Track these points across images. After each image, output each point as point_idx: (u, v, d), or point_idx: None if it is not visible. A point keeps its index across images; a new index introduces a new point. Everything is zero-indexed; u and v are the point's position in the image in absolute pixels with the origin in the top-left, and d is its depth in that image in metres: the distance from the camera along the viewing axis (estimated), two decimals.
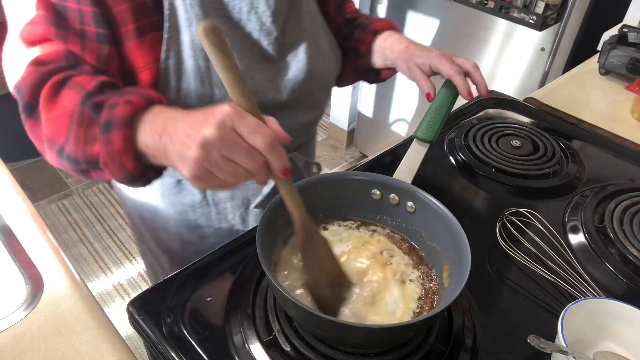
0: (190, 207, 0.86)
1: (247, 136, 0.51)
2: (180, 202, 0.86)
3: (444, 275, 0.64)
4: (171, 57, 0.68)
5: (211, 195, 0.85)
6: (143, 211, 0.92)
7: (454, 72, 0.80)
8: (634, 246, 0.77)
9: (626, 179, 0.96)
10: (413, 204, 0.68)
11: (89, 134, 0.59)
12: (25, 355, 0.62)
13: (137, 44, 0.66)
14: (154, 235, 0.95)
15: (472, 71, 0.82)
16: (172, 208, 0.87)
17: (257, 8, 0.71)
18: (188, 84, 0.69)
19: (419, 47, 0.85)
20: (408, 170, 0.74)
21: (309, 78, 0.80)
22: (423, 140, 0.79)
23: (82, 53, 0.64)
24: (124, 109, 0.56)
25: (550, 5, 1.56)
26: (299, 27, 0.79)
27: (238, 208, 0.88)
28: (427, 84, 0.83)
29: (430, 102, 0.82)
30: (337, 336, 0.57)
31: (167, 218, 0.89)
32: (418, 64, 0.83)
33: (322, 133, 2.85)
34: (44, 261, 0.75)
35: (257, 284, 0.68)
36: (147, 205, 0.90)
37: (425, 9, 1.94)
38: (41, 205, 2.31)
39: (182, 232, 0.90)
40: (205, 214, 0.88)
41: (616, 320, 0.63)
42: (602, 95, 1.25)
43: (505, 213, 0.81)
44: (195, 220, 0.88)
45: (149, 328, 0.63)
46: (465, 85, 0.81)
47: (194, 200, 0.86)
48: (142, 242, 1.01)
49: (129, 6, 0.64)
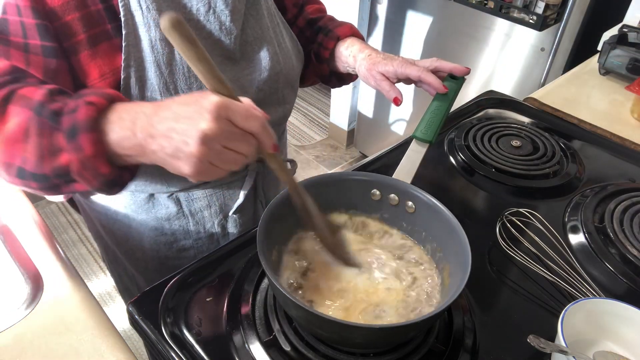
0: (165, 220, 0.84)
1: (241, 122, 0.52)
2: (154, 217, 0.83)
3: (445, 274, 0.64)
4: (132, 65, 0.65)
5: (187, 206, 0.83)
6: (115, 232, 0.87)
7: (423, 72, 0.82)
8: (634, 246, 0.77)
9: (626, 179, 0.96)
10: (413, 203, 0.68)
11: (53, 145, 0.56)
12: (25, 355, 0.62)
13: (90, 54, 0.63)
14: (129, 256, 0.91)
15: (437, 65, 0.84)
16: (146, 224, 0.84)
17: (215, 7, 0.69)
18: (152, 91, 0.67)
19: (380, 54, 0.86)
20: (407, 170, 0.74)
21: (273, 75, 0.79)
22: (422, 140, 0.79)
23: (27, 68, 0.61)
24: (87, 111, 0.54)
25: (550, 5, 1.56)
26: (258, 24, 0.77)
27: (216, 215, 0.86)
28: (393, 89, 0.84)
29: (398, 105, 0.83)
30: (337, 336, 0.57)
31: (141, 236, 0.86)
32: (382, 72, 0.84)
33: (322, 133, 2.85)
34: (44, 261, 0.75)
35: (257, 284, 0.68)
36: (118, 225, 0.86)
37: (425, 9, 1.94)
38: (41, 205, 2.31)
39: (159, 248, 0.87)
40: (183, 225, 0.85)
41: (616, 320, 0.63)
42: (602, 95, 1.25)
43: (505, 213, 0.81)
44: (173, 234, 0.86)
45: (149, 328, 0.63)
46: (437, 81, 0.82)
47: (169, 213, 0.83)
48: (117, 265, 0.97)
49: (79, 15, 0.61)
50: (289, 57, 0.84)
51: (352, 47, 0.89)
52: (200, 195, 0.82)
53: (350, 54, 0.89)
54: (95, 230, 0.94)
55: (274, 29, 0.81)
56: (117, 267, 0.98)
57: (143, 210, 0.82)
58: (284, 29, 0.85)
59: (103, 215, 0.87)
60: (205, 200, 0.83)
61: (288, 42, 0.85)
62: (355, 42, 0.90)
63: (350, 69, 0.90)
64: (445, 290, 0.62)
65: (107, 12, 0.63)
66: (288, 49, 0.84)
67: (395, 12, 2.06)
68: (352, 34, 0.92)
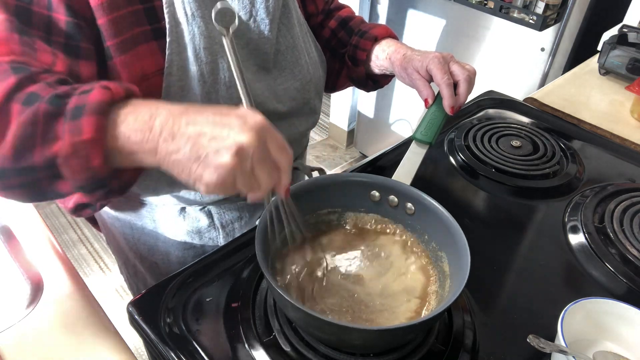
0: (196, 233, 0.82)
1: (275, 151, 0.48)
2: (184, 231, 0.81)
3: (445, 275, 0.64)
4: (174, 73, 0.63)
5: (219, 219, 0.81)
6: (139, 246, 0.85)
7: (444, 83, 0.76)
8: (633, 246, 0.77)
9: (626, 179, 0.96)
10: (412, 205, 0.68)
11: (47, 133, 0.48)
12: (25, 355, 0.62)
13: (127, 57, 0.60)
14: (152, 271, 0.89)
15: (460, 82, 0.77)
16: (174, 239, 0.82)
17: (255, 16, 0.68)
18: (194, 101, 0.65)
19: (417, 51, 0.82)
20: (407, 171, 0.74)
21: (305, 85, 0.79)
22: (422, 141, 0.78)
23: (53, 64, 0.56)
24: (100, 94, 0.48)
25: (550, 6, 1.56)
26: (290, 34, 0.76)
27: (246, 226, 0.84)
28: (426, 89, 0.79)
29: (428, 107, 0.81)
30: (336, 338, 0.57)
31: (169, 250, 0.84)
32: (416, 68, 0.79)
33: (322, 133, 2.85)
34: (44, 261, 0.75)
35: (257, 284, 0.68)
36: (144, 239, 0.84)
37: (425, 9, 1.94)
38: (41, 205, 2.30)
39: (186, 261, 0.83)
40: (213, 238, 0.84)
41: (616, 320, 0.63)
42: (602, 95, 1.25)
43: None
44: (202, 247, 0.84)
45: (149, 328, 0.63)
46: (451, 100, 0.76)
47: (200, 227, 0.81)
48: (137, 279, 0.94)
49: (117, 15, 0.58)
50: (316, 66, 0.83)
51: (389, 49, 0.85)
52: (232, 207, 0.81)
53: (387, 55, 0.85)
54: (117, 245, 0.91)
55: (304, 38, 0.80)
56: (136, 281, 0.95)
57: (173, 223, 0.80)
58: (310, 37, 0.84)
59: (128, 229, 0.84)
60: (237, 212, 0.82)
61: (314, 51, 0.84)
62: (391, 43, 0.86)
63: (386, 70, 0.87)
64: (445, 291, 0.62)
65: (147, 13, 0.61)
66: (315, 58, 0.83)
67: (395, 12, 2.06)
68: (389, 35, 0.89)
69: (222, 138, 0.46)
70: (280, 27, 0.74)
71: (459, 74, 0.77)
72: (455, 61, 0.79)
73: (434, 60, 0.77)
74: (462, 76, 0.77)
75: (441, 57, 0.78)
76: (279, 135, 0.49)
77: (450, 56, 0.80)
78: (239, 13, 0.67)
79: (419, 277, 0.65)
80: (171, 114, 0.48)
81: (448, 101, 0.77)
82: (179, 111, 0.49)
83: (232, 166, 0.46)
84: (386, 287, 0.64)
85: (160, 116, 0.48)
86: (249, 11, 0.68)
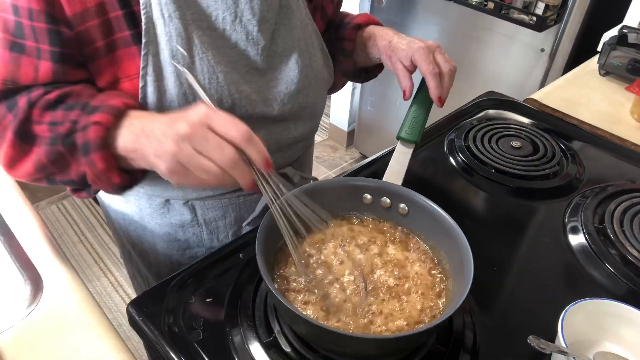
0: (179, 227, 0.83)
1: (221, 129, 0.54)
2: (168, 222, 0.83)
3: (447, 275, 0.64)
4: (150, 73, 0.65)
5: (202, 215, 0.82)
6: (130, 232, 0.89)
7: (429, 73, 0.76)
8: (634, 247, 0.77)
9: (626, 179, 0.96)
10: (405, 205, 0.68)
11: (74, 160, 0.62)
12: (25, 355, 0.62)
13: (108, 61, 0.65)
14: (143, 258, 0.92)
15: (444, 73, 0.77)
16: (160, 229, 0.84)
17: (241, 17, 0.68)
18: (170, 101, 0.67)
19: (402, 39, 0.81)
20: (396, 172, 0.73)
21: (301, 89, 0.77)
22: (407, 140, 0.77)
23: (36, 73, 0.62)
24: (95, 131, 0.58)
25: (550, 6, 1.56)
26: (289, 35, 0.75)
27: (231, 227, 0.85)
28: (406, 81, 0.79)
29: (405, 99, 0.80)
30: (334, 345, 0.57)
31: (155, 240, 0.86)
32: (400, 58, 0.79)
33: (322, 133, 2.85)
34: (44, 261, 0.75)
35: (257, 285, 0.68)
36: (134, 226, 0.87)
37: (425, 10, 1.94)
38: (41, 206, 2.31)
39: (171, 253, 0.87)
40: (196, 233, 0.84)
41: (616, 320, 0.63)
42: (602, 96, 1.25)
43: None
44: (186, 241, 0.85)
45: (149, 328, 0.63)
46: (437, 90, 0.76)
47: (183, 220, 0.83)
48: (132, 264, 0.98)
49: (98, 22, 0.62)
50: (319, 70, 0.81)
51: (374, 35, 0.84)
52: (216, 205, 0.81)
53: (372, 44, 0.84)
54: (114, 228, 0.95)
55: (306, 41, 0.78)
56: (132, 266, 0.99)
57: (158, 215, 0.83)
58: (316, 40, 0.82)
59: (120, 215, 0.88)
60: (221, 210, 0.82)
61: (320, 55, 0.82)
62: (375, 30, 0.85)
63: (375, 59, 0.86)
64: (450, 292, 0.62)
65: (127, 19, 0.63)
66: (319, 62, 0.82)
67: (395, 13, 2.06)
68: (371, 22, 0.88)
69: (167, 132, 0.55)
70: (279, 27, 0.74)
71: (443, 65, 0.77)
72: (440, 51, 0.79)
73: (419, 50, 0.77)
74: (445, 69, 0.77)
75: (426, 47, 0.78)
76: (225, 114, 0.55)
77: (436, 45, 0.80)
78: (224, 14, 0.67)
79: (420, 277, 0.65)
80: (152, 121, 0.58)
81: (435, 91, 0.76)
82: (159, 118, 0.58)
83: (173, 151, 0.54)
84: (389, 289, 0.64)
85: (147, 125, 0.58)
86: (233, 12, 0.67)
